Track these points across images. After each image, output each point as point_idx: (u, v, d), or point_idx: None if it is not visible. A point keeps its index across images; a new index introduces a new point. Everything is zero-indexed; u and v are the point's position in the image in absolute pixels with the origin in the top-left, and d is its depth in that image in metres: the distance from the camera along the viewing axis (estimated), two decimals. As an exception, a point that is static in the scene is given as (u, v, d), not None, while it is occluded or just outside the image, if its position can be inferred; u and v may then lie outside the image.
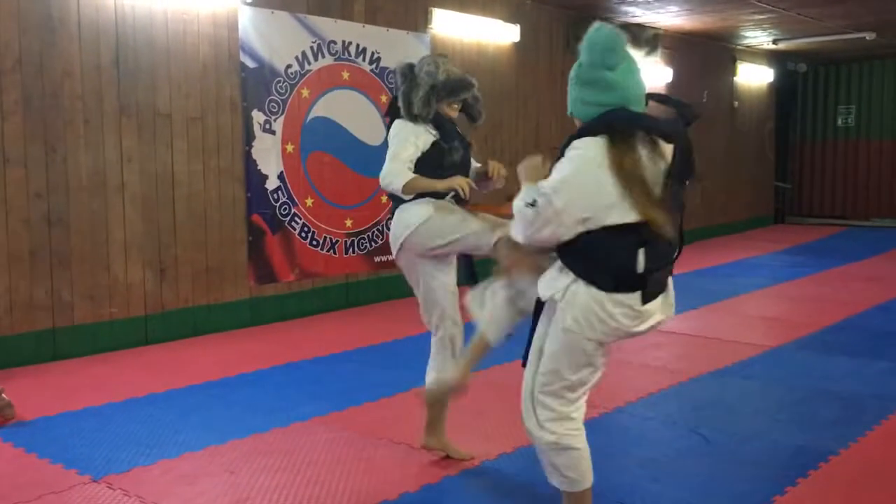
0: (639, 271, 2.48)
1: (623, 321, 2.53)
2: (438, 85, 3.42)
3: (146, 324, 5.81)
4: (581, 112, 2.58)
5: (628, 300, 2.51)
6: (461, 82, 3.48)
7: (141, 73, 5.69)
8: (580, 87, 2.56)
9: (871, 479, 3.43)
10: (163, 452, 3.74)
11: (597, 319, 2.51)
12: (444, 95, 3.45)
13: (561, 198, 2.45)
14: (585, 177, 2.46)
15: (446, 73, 3.45)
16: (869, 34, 10.90)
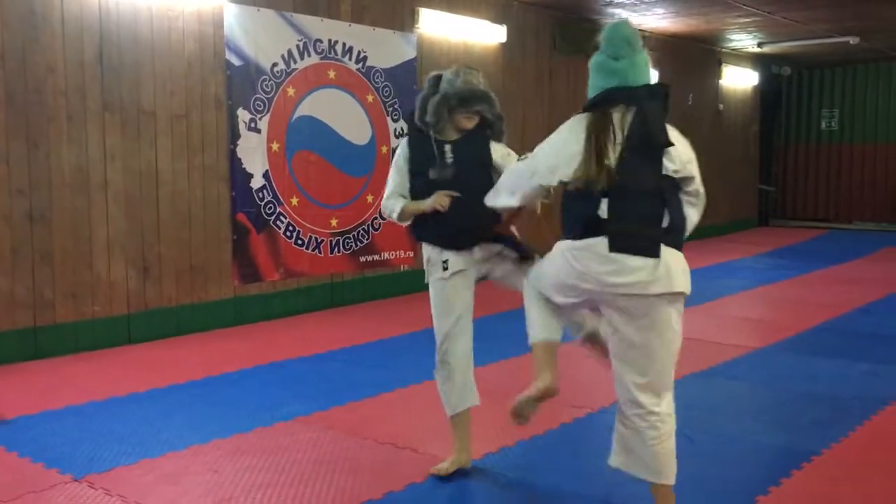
0: (602, 217, 2.71)
1: (592, 266, 2.73)
2: (450, 93, 3.35)
3: (129, 322, 5.76)
4: (590, 93, 2.86)
5: (594, 245, 2.72)
6: (474, 93, 3.37)
7: (125, 69, 5.65)
8: (592, 72, 2.89)
9: (853, 479, 3.45)
10: (145, 452, 3.70)
11: (569, 266, 2.78)
12: (456, 104, 3.36)
13: (541, 150, 2.89)
14: (559, 136, 2.86)
15: (464, 83, 3.36)
16: (853, 38, 11.00)
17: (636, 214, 2.72)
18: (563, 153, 2.78)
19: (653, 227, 2.73)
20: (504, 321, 6.63)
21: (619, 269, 2.69)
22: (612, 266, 2.69)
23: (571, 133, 2.80)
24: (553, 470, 3.55)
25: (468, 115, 3.39)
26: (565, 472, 3.52)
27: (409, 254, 7.76)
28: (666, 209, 2.77)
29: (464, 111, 3.37)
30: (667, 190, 2.79)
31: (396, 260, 7.66)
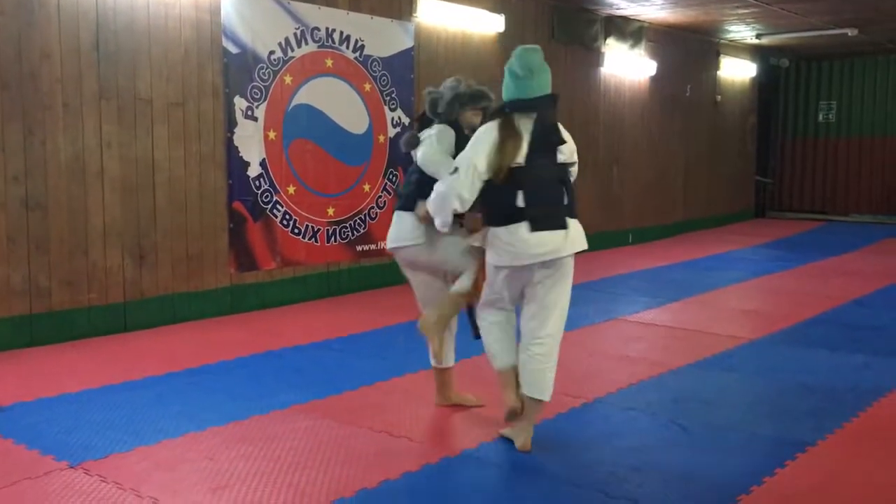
0: (519, 206, 3.47)
1: (519, 245, 3.48)
2: (462, 93, 3.86)
3: (125, 310, 5.76)
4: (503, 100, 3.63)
5: (519, 229, 3.48)
6: (481, 92, 3.93)
7: (121, 56, 5.62)
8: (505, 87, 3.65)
9: (848, 470, 3.47)
10: (141, 439, 3.71)
11: (502, 249, 3.52)
12: (467, 101, 3.86)
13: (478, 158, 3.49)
14: (480, 144, 3.52)
15: (468, 86, 3.91)
16: (851, 30, 10.98)
17: (552, 202, 3.54)
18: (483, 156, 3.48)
19: (558, 206, 3.55)
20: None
21: (541, 243, 3.48)
22: (537, 242, 3.47)
23: (483, 140, 3.50)
24: (549, 459, 3.55)
25: (476, 110, 3.89)
26: (562, 461, 3.53)
27: (406, 243, 7.74)
28: (564, 190, 3.57)
29: (474, 106, 3.88)
30: (563, 175, 3.59)
31: (393, 249, 7.64)
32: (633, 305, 6.93)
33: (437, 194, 3.57)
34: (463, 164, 3.49)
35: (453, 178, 3.50)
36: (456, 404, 4.18)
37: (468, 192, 3.48)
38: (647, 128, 11.21)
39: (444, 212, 3.55)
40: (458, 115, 3.86)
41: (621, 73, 10.57)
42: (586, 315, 6.41)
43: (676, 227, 12.04)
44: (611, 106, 10.50)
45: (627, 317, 6.49)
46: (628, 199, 11.00)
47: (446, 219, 3.57)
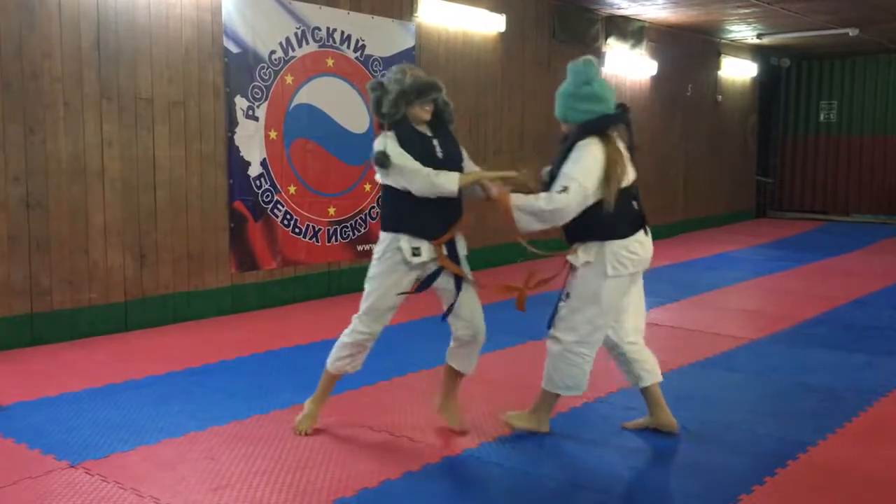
0: (637, 213, 3.65)
1: (641, 251, 3.63)
2: (406, 88, 3.56)
3: (126, 310, 5.76)
4: (579, 118, 3.60)
5: (639, 235, 3.64)
6: (428, 84, 3.61)
7: (122, 56, 5.62)
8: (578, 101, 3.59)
9: (848, 470, 3.46)
10: (141, 438, 3.71)
11: (626, 259, 3.59)
12: (414, 98, 3.57)
13: (587, 179, 3.48)
14: (591, 164, 3.49)
15: (413, 77, 3.59)
16: (852, 30, 10.97)
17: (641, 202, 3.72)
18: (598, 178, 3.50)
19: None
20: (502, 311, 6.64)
21: (650, 243, 3.70)
22: (648, 242, 3.69)
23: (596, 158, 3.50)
24: (551, 458, 3.55)
25: (426, 104, 3.61)
26: (563, 462, 3.53)
27: (407, 243, 7.75)
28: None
29: (422, 101, 3.59)
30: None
31: (394, 249, 7.64)
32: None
33: (539, 210, 3.51)
34: (573, 186, 3.46)
35: (563, 197, 3.46)
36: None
37: (576, 212, 3.51)
38: (648, 127, 11.20)
39: (535, 226, 3.59)
40: (405, 113, 3.59)
41: (622, 73, 10.56)
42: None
43: (677, 227, 12.03)
44: (612, 106, 10.48)
45: (628, 316, 6.48)
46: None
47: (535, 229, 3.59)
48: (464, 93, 8.30)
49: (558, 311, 3.72)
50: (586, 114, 3.57)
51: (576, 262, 3.63)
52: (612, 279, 3.57)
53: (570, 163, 3.51)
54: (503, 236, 8.89)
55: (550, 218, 3.53)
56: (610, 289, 3.59)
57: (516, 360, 5.16)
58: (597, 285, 3.58)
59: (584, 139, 3.54)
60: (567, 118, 3.65)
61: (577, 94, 3.60)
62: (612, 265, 3.56)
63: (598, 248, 3.57)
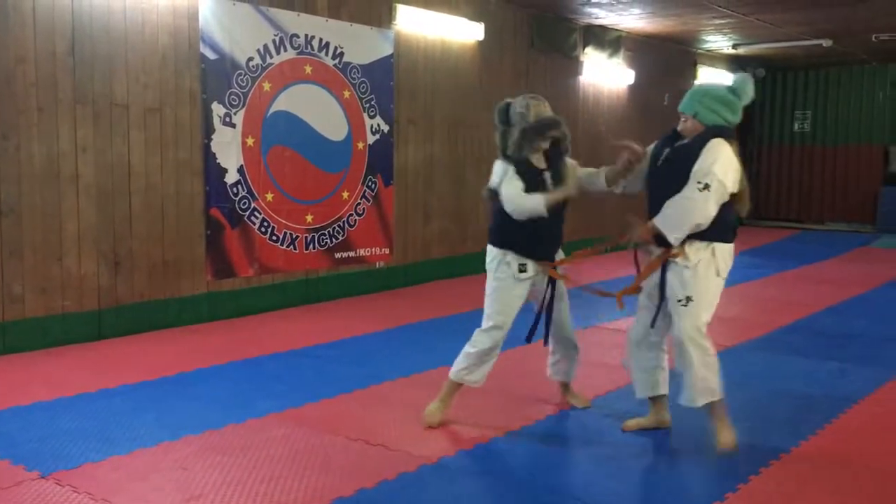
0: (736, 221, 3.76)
1: (731, 257, 3.74)
2: (528, 128, 3.92)
3: (100, 318, 5.70)
4: (708, 119, 3.70)
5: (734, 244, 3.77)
6: (549, 123, 3.96)
7: (97, 61, 5.58)
8: (719, 104, 3.72)
9: (821, 476, 3.49)
10: (114, 448, 3.67)
11: (727, 262, 3.72)
12: (535, 136, 3.92)
13: (726, 177, 3.56)
14: (728, 162, 3.59)
15: (536, 115, 3.95)
16: (826, 41, 11.12)
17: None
18: (735, 178, 3.61)
19: None
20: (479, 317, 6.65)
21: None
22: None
23: (731, 158, 3.60)
24: (527, 466, 3.56)
25: (545, 140, 3.97)
26: (539, 469, 3.53)
27: (385, 250, 7.75)
28: None
29: (542, 138, 3.95)
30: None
31: (372, 257, 7.64)
32: (612, 313, 6.94)
33: (681, 209, 3.59)
34: (714, 183, 3.53)
35: (702, 196, 3.53)
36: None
37: (715, 209, 3.57)
38: (626, 136, 11.23)
39: (685, 228, 3.61)
40: (530, 151, 3.93)
41: (600, 82, 10.64)
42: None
43: (654, 235, 12.09)
44: (590, 114, 10.56)
45: (606, 324, 6.51)
46: (607, 207, 11.04)
47: (682, 235, 3.63)
48: (442, 101, 8.32)
49: (680, 316, 3.68)
50: (719, 119, 3.68)
51: (686, 262, 3.66)
52: (720, 280, 3.69)
53: (707, 159, 3.55)
54: (482, 244, 8.90)
55: (697, 218, 3.57)
56: (719, 289, 3.71)
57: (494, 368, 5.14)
58: (715, 285, 3.69)
59: (716, 139, 3.61)
60: (697, 114, 3.71)
61: (722, 98, 3.70)
62: (721, 266, 3.68)
63: (709, 249, 3.65)
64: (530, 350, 5.55)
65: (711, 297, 3.71)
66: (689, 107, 3.75)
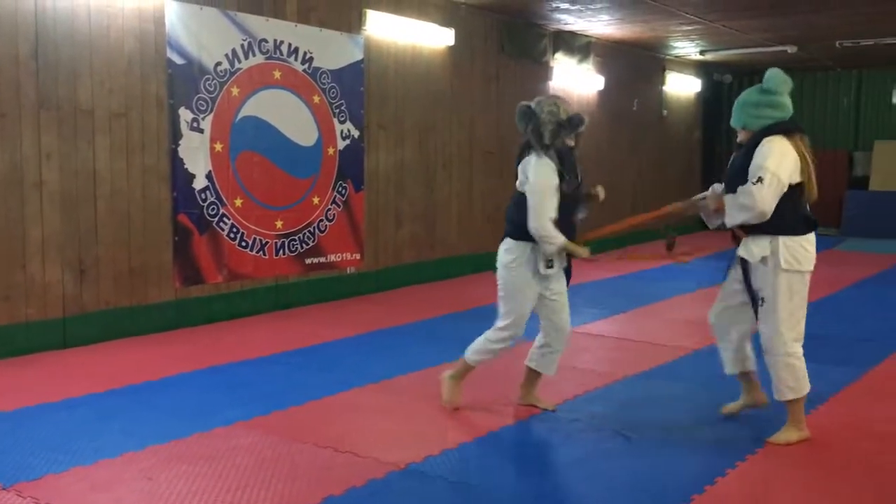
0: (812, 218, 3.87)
1: (812, 250, 3.85)
2: (563, 122, 4.08)
3: (64, 326, 5.61)
4: (755, 125, 3.85)
5: (812, 236, 3.85)
6: (580, 119, 4.14)
7: (62, 66, 5.51)
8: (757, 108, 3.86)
9: (787, 477, 3.53)
10: (77, 459, 3.61)
11: (809, 255, 3.83)
12: (569, 130, 4.10)
13: (779, 169, 3.70)
14: (783, 157, 3.71)
15: (566, 113, 4.10)
16: (790, 47, 11.29)
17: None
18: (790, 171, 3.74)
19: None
20: (450, 323, 6.66)
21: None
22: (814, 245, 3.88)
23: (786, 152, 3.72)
24: (495, 471, 3.55)
25: (574, 135, 4.16)
26: (507, 474, 3.53)
27: (356, 256, 7.72)
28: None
29: (572, 133, 4.14)
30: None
31: (342, 262, 7.61)
32: (580, 317, 6.98)
33: (738, 200, 3.75)
34: (767, 176, 3.66)
35: (757, 189, 3.66)
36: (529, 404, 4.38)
37: (772, 200, 3.69)
38: (596, 141, 11.34)
39: (738, 217, 3.81)
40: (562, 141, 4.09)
41: (570, 88, 10.69)
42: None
43: (625, 240, 12.17)
44: (560, 119, 10.60)
45: (575, 328, 6.47)
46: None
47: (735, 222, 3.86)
48: (413, 106, 8.32)
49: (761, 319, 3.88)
50: (766, 119, 3.82)
51: (751, 258, 3.83)
52: (791, 274, 3.79)
53: (759, 158, 3.70)
54: (453, 249, 8.91)
55: (751, 208, 3.71)
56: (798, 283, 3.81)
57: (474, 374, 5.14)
58: (785, 280, 3.79)
59: (767, 138, 3.74)
60: (745, 125, 3.91)
61: (757, 101, 3.86)
62: (788, 259, 3.76)
63: (775, 242, 3.77)
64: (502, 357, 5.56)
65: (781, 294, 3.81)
66: (737, 121, 3.97)
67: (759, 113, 3.85)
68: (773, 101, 3.85)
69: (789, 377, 3.86)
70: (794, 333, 3.87)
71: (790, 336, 3.86)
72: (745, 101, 3.93)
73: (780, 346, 3.85)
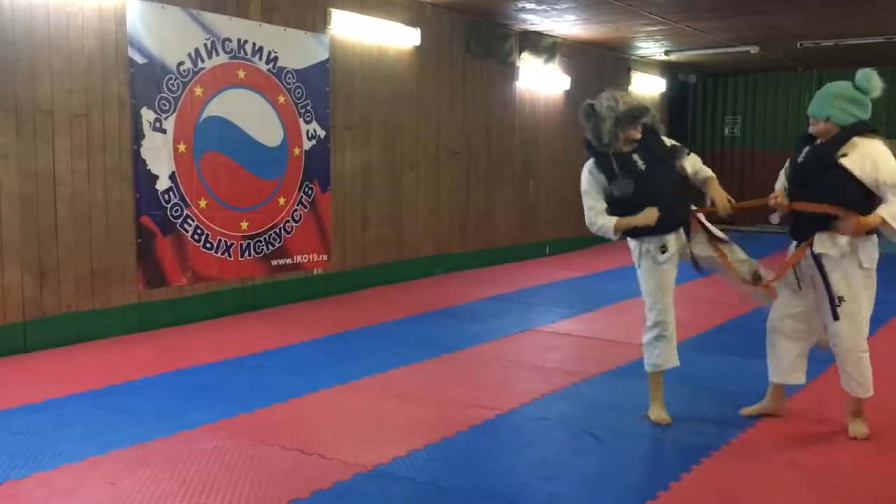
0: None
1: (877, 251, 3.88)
2: (620, 115, 4.05)
3: (25, 330, 5.51)
4: (842, 119, 3.82)
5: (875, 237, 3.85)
6: (640, 110, 4.12)
7: (20, 66, 5.40)
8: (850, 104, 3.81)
9: (750, 473, 3.57)
10: (38, 464, 3.54)
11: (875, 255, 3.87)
12: (627, 123, 4.07)
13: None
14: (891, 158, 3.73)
15: (625, 105, 4.07)
16: (753, 48, 11.44)
17: None
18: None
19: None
20: (417, 324, 6.65)
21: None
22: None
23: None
24: (462, 472, 3.55)
25: (637, 127, 4.14)
26: (474, 474, 3.53)
27: (323, 257, 7.68)
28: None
29: (634, 125, 4.11)
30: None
31: (309, 263, 7.56)
32: (548, 316, 7.02)
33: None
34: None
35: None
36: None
37: None
38: (562, 141, 11.42)
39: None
40: (620, 139, 4.08)
41: (536, 88, 10.74)
42: (502, 327, 6.46)
43: (593, 238, 12.26)
44: (527, 119, 10.65)
45: (543, 327, 6.57)
46: (545, 211, 11.16)
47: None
48: (379, 106, 8.29)
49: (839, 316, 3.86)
50: (851, 118, 3.79)
51: (833, 252, 3.82)
52: (864, 272, 3.81)
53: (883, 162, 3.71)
54: (417, 251, 8.90)
55: None
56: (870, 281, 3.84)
57: (430, 374, 5.15)
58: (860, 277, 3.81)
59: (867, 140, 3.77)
60: (830, 117, 3.83)
61: (852, 97, 3.81)
62: (865, 257, 3.80)
63: (852, 241, 3.78)
64: (462, 356, 5.57)
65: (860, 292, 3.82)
66: (820, 110, 3.86)
67: (848, 109, 3.81)
68: (862, 101, 3.82)
69: (860, 374, 3.90)
70: (867, 330, 3.92)
71: (866, 333, 3.91)
72: (837, 94, 3.84)
73: (860, 342, 3.89)
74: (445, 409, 4.38)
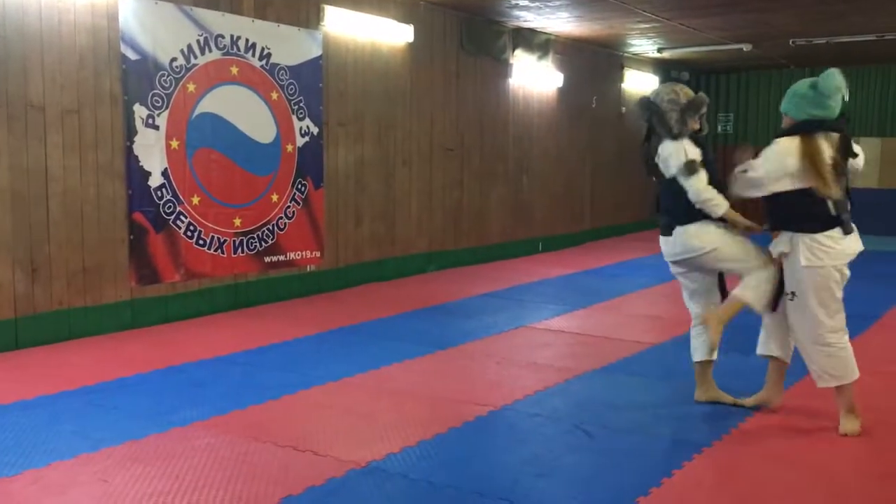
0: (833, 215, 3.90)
1: (835, 246, 3.89)
2: (685, 106, 4.21)
3: (16, 326, 5.49)
4: (796, 114, 4.01)
5: (834, 232, 3.91)
6: (702, 100, 4.28)
7: (11, 62, 5.38)
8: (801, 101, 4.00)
9: (741, 469, 3.59)
10: (29, 461, 3.53)
11: (822, 252, 3.90)
12: (692, 114, 4.23)
13: (759, 169, 4.00)
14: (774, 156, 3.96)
15: (687, 97, 4.24)
16: (745, 46, 11.47)
17: (847, 209, 3.93)
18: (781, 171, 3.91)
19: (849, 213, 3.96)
20: (410, 321, 6.65)
21: (853, 243, 3.93)
22: (850, 241, 3.92)
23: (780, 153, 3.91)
24: (454, 468, 3.56)
25: (699, 118, 4.31)
26: (466, 471, 3.54)
27: (316, 253, 7.67)
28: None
29: (697, 116, 4.28)
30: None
31: (302, 260, 7.56)
32: (541, 313, 7.03)
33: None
34: (747, 170, 4.01)
35: (734, 178, 4.03)
36: (714, 401, 4.47)
37: (740, 193, 4.13)
38: (556, 138, 11.43)
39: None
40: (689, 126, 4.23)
41: (530, 85, 10.74)
42: (494, 323, 6.47)
43: (585, 236, 12.29)
44: (520, 116, 10.66)
45: (535, 324, 6.58)
46: (538, 208, 11.18)
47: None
48: (373, 103, 8.29)
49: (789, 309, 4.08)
50: (804, 114, 3.96)
51: (774, 253, 4.11)
52: (813, 271, 3.91)
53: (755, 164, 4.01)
54: (410, 248, 8.90)
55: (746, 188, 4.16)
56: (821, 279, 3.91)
57: (424, 370, 5.15)
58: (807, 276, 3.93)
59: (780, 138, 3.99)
60: (787, 112, 4.07)
61: (803, 94, 3.99)
62: (804, 256, 3.92)
63: (792, 239, 3.99)
64: (455, 353, 5.57)
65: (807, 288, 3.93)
66: (783, 106, 4.11)
67: (800, 105, 3.99)
68: (815, 99, 3.94)
69: (818, 365, 4.01)
70: (830, 325, 3.96)
71: (826, 328, 3.96)
72: (794, 92, 4.06)
73: (814, 335, 3.98)
74: (438, 406, 4.39)
